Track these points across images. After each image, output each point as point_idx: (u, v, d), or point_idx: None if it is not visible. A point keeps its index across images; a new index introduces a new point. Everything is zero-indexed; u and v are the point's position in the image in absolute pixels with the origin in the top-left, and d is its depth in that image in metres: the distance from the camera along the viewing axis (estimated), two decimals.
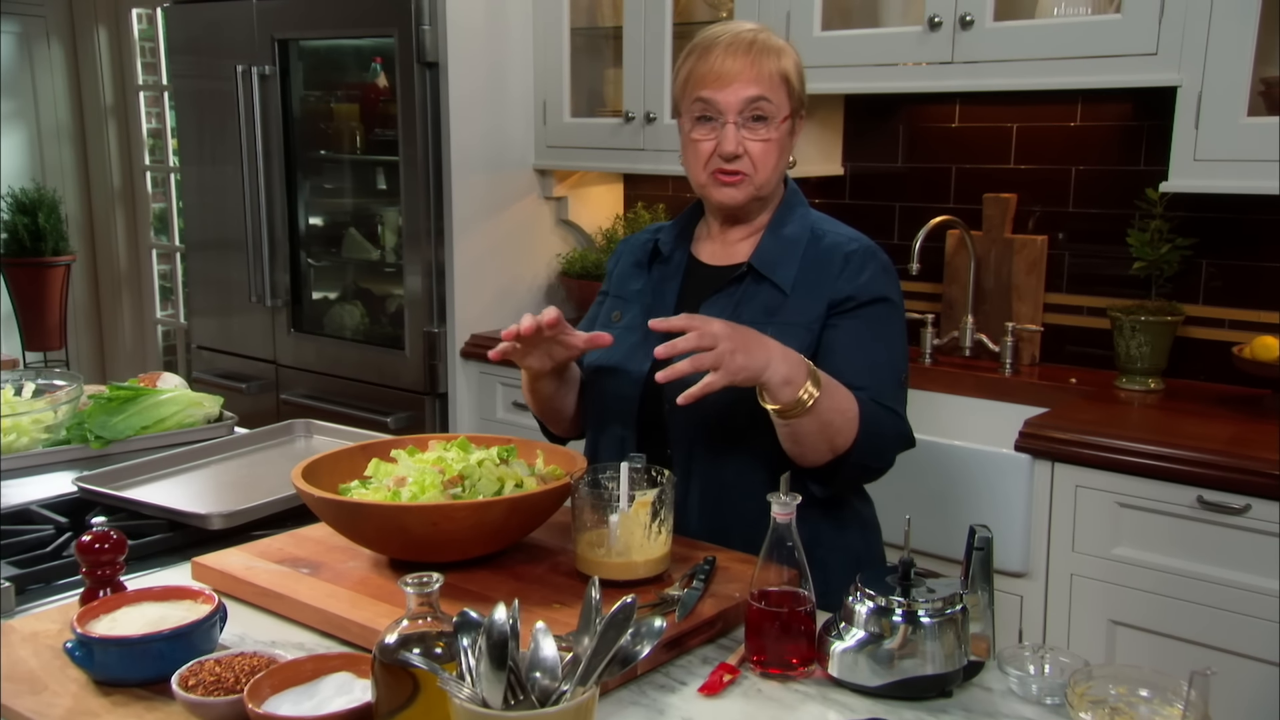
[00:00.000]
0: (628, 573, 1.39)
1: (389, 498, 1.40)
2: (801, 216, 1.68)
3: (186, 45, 3.72)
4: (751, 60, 1.58)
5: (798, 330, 1.58)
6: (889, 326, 1.61)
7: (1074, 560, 2.23)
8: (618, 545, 1.38)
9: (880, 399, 1.54)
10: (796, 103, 1.63)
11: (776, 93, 1.59)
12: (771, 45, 1.61)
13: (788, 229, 1.66)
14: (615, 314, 1.74)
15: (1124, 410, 2.41)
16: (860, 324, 1.59)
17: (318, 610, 1.32)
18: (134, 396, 1.99)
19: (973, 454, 2.31)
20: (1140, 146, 2.63)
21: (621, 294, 1.76)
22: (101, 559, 1.25)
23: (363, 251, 3.52)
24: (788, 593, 1.26)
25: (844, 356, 1.56)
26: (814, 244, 1.65)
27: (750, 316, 1.59)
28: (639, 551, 1.38)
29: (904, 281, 2.86)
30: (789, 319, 1.59)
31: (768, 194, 1.66)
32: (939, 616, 1.21)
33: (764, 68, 1.58)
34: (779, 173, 1.65)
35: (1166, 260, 2.50)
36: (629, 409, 1.66)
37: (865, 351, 1.57)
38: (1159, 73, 2.28)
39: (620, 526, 1.37)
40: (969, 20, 2.47)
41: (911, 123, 2.97)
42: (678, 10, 3.03)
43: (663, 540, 1.40)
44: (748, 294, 1.63)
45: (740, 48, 1.59)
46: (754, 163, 1.60)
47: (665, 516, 1.40)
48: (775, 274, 1.62)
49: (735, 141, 1.58)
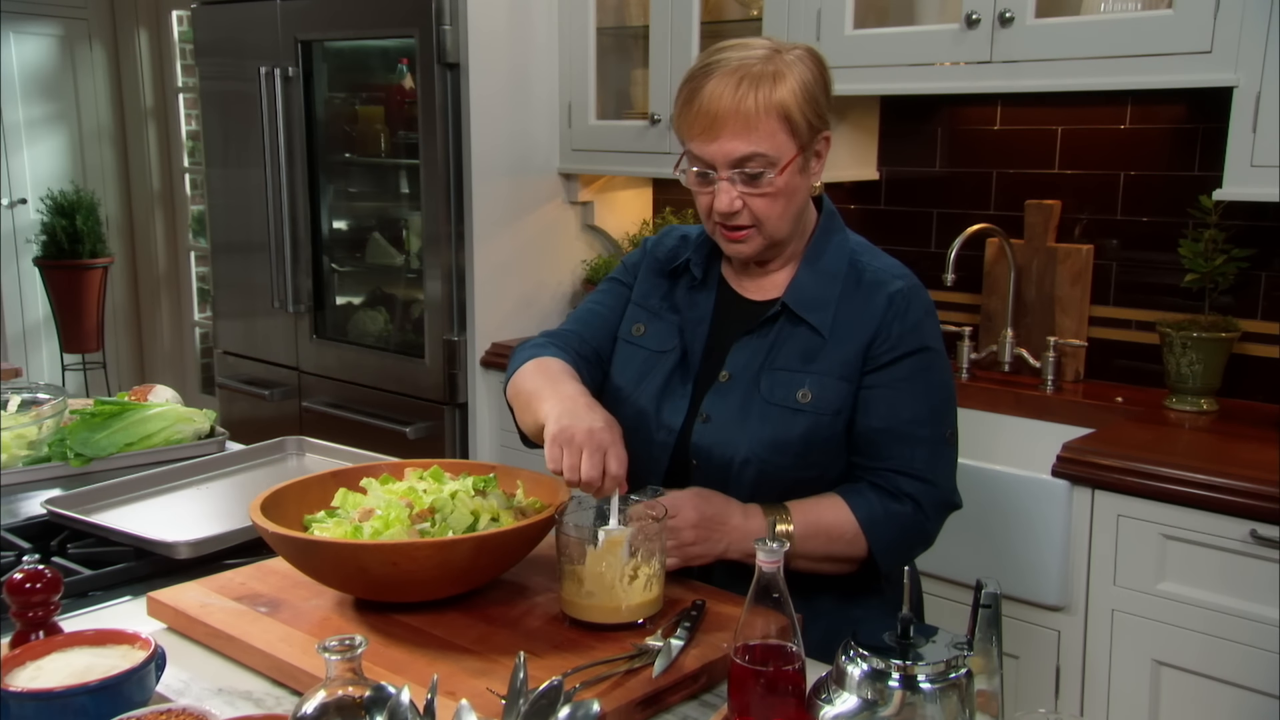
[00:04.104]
0: (605, 616, 1.28)
1: (350, 533, 1.31)
2: (839, 245, 1.56)
3: (212, 47, 3.68)
4: (738, 103, 1.40)
5: (835, 383, 1.49)
6: (927, 379, 1.50)
7: (1115, 595, 2.08)
8: (587, 585, 1.27)
9: (908, 467, 1.48)
10: (806, 135, 1.45)
11: (773, 139, 1.42)
12: (769, 74, 1.42)
13: (825, 261, 1.54)
14: (638, 326, 1.61)
15: (1172, 433, 2.25)
16: (895, 379, 1.49)
17: (267, 656, 1.22)
18: (119, 411, 1.92)
19: (1007, 478, 2.17)
20: (1194, 151, 2.46)
21: (645, 305, 1.63)
22: (33, 600, 1.16)
23: (387, 257, 3.45)
24: (775, 647, 1.14)
25: (874, 418, 1.49)
26: (853, 279, 1.53)
27: (785, 362, 1.51)
28: (612, 596, 1.27)
29: (938, 292, 2.79)
30: (826, 370, 1.49)
31: (784, 239, 1.52)
32: (940, 681, 1.08)
33: (755, 110, 1.40)
34: (792, 218, 1.50)
35: (1221, 272, 2.34)
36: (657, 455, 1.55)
37: (898, 413, 1.48)
38: (1214, 72, 2.12)
39: (589, 565, 1.26)
40: (1009, 17, 2.33)
41: (950, 125, 2.82)
42: (706, 9, 2.91)
43: (643, 583, 1.29)
44: (782, 335, 1.52)
45: (728, 88, 1.41)
46: (757, 216, 1.47)
47: (648, 558, 1.29)
48: (813, 316, 1.51)
49: (729, 200, 1.45)
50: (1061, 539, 2.12)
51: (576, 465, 1.29)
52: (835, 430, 1.49)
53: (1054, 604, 2.14)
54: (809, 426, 1.47)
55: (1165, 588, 2.02)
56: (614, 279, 1.69)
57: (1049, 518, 2.12)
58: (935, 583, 2.27)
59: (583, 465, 1.29)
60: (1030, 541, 2.14)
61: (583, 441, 1.30)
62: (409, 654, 1.22)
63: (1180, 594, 2.00)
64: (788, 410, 1.48)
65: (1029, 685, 2.19)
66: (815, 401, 1.47)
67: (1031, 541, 2.14)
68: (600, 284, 1.71)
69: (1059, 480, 2.11)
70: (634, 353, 1.59)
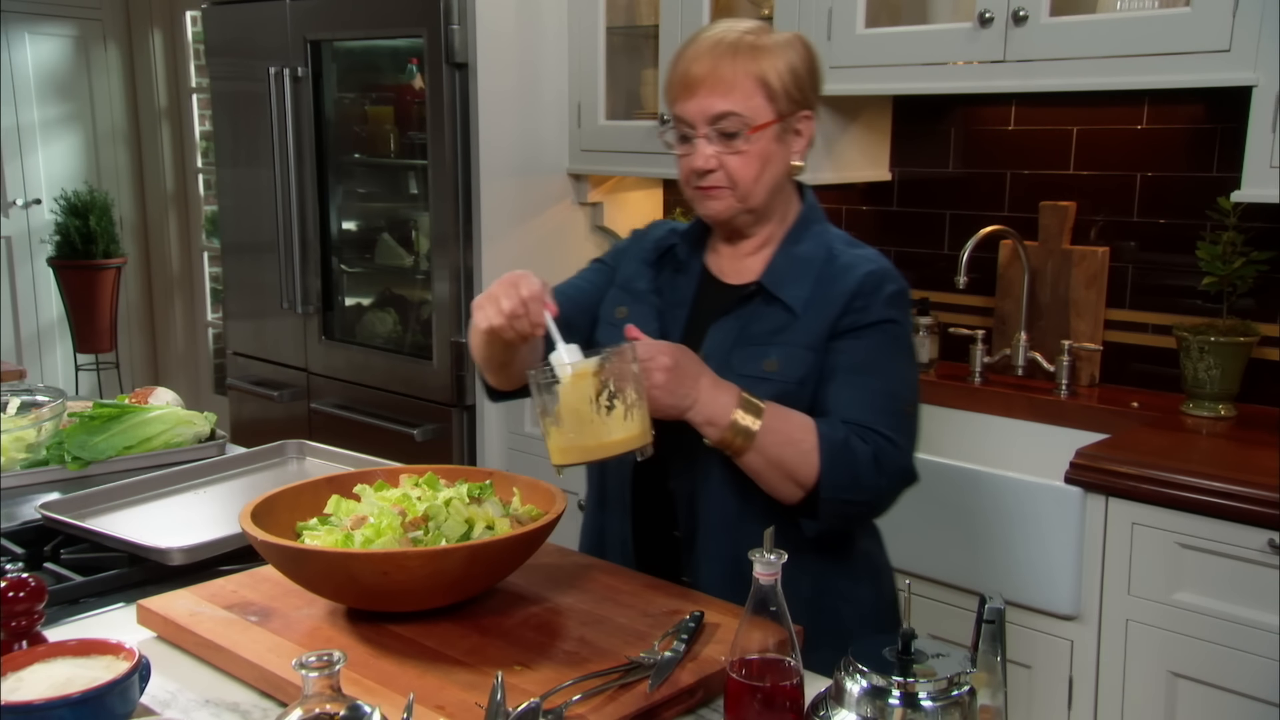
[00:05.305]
0: (590, 454, 1.28)
1: (341, 541, 1.28)
2: (818, 234, 1.59)
3: (222, 47, 3.67)
4: (715, 66, 1.46)
5: (802, 352, 1.50)
6: (892, 348, 1.51)
7: (1130, 605, 2.03)
8: (566, 425, 1.27)
9: (873, 424, 1.45)
10: (785, 105, 1.49)
11: (749, 101, 1.47)
12: (748, 44, 1.48)
13: (802, 247, 1.57)
14: (620, 309, 1.63)
15: (1189, 440, 2.20)
16: (862, 345, 1.49)
17: (255, 667, 1.20)
18: (118, 414, 1.90)
19: (1020, 485, 2.13)
20: (1212, 151, 2.42)
21: (628, 289, 1.66)
22: (16, 609, 1.14)
23: (396, 258, 3.43)
24: (773, 661, 1.11)
25: (840, 380, 1.48)
26: (829, 264, 1.55)
27: (756, 337, 1.52)
28: (592, 430, 1.27)
29: (950, 295, 2.76)
30: (794, 341, 1.51)
31: (758, 206, 1.55)
32: (942, 699, 1.04)
33: (733, 73, 1.46)
34: (767, 186, 1.53)
35: (1240, 275, 2.29)
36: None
37: (863, 375, 1.48)
38: (1232, 71, 2.08)
39: (563, 404, 1.26)
40: (1023, 15, 2.29)
41: (964, 125, 2.78)
42: (717, 8, 2.88)
43: (621, 414, 1.28)
44: (756, 314, 1.55)
45: (705, 52, 1.47)
46: (732, 177, 1.50)
47: (620, 388, 1.28)
48: (786, 293, 1.53)
49: (705, 157, 1.49)
50: (1075, 547, 2.08)
51: (498, 309, 1.35)
52: (802, 399, 1.49)
53: (1067, 613, 2.10)
54: (775, 395, 1.47)
55: (1181, 598, 1.98)
56: (599, 260, 1.73)
57: (1062, 525, 2.08)
58: (945, 590, 2.24)
59: (501, 302, 1.35)
60: (1043, 549, 2.10)
61: (495, 289, 1.38)
62: (398, 665, 1.19)
63: (1196, 604, 1.96)
64: (754, 380, 1.48)
65: (1041, 696, 2.15)
66: (781, 370, 1.49)
67: (1044, 549, 2.10)
68: (587, 264, 1.74)
69: (1072, 487, 2.07)
70: (614, 334, 1.58)
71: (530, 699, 0.82)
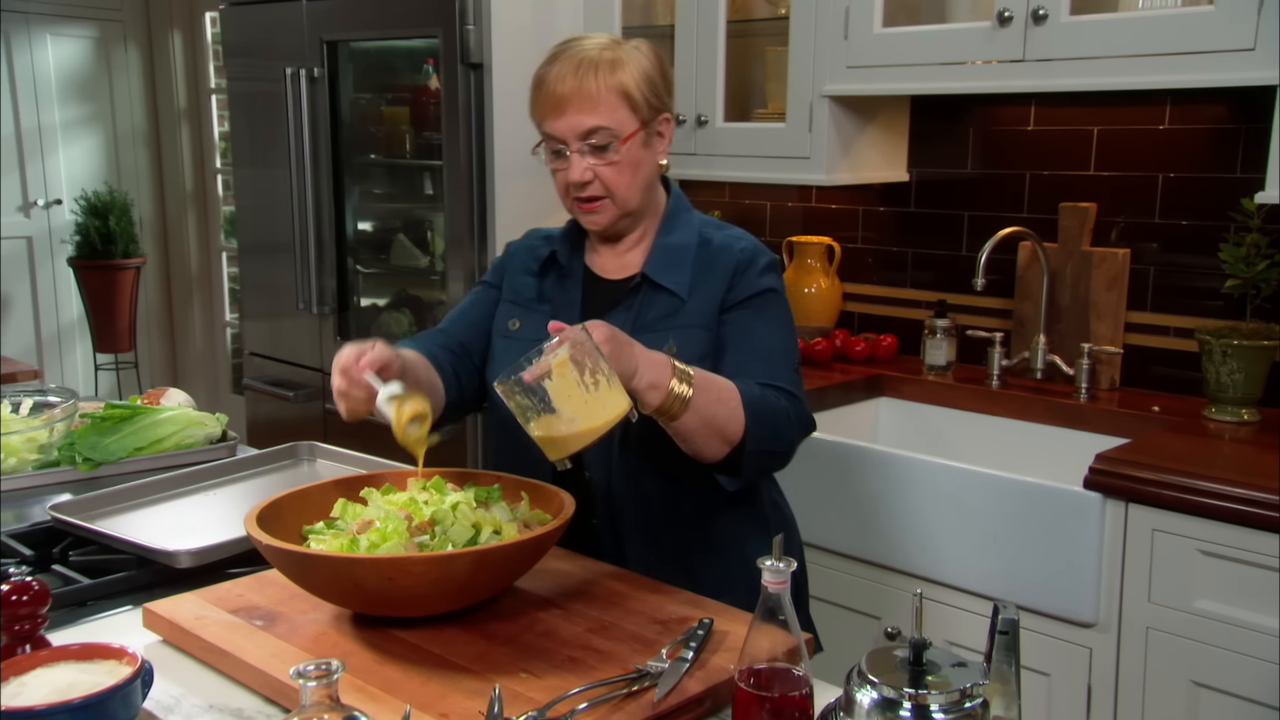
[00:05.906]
0: (597, 431, 1.29)
1: (347, 546, 1.27)
2: (688, 223, 1.70)
3: (240, 48, 3.67)
4: (580, 84, 1.55)
5: (697, 332, 1.61)
6: (776, 313, 1.64)
7: (1150, 612, 2.00)
8: (567, 414, 1.28)
9: (774, 382, 1.55)
10: (647, 112, 1.60)
11: (615, 114, 1.56)
12: (607, 60, 1.57)
13: (676, 236, 1.68)
14: (514, 322, 1.72)
15: (1211, 445, 2.17)
16: (749, 314, 1.61)
17: (259, 672, 1.19)
18: (129, 415, 1.89)
19: (1038, 490, 2.10)
20: (1236, 152, 2.38)
21: (517, 301, 1.74)
22: (19, 612, 1.13)
23: (411, 259, 3.42)
24: (781, 670, 1.09)
25: (736, 347, 1.60)
26: (704, 248, 1.66)
27: (650, 324, 1.61)
28: (590, 409, 1.29)
29: (968, 297, 2.73)
30: (687, 322, 1.61)
31: (636, 208, 1.64)
32: (955, 711, 1.02)
33: (596, 89, 1.55)
34: (640, 189, 1.63)
35: (1264, 278, 2.26)
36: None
37: (756, 339, 1.60)
38: (1257, 70, 2.05)
39: (557, 396, 1.27)
40: (1042, 14, 2.26)
41: (983, 126, 2.76)
42: (733, 8, 2.86)
43: (606, 384, 1.29)
44: (646, 303, 1.64)
45: (569, 72, 1.56)
46: (608, 186, 1.59)
47: (595, 365, 1.29)
48: (669, 280, 1.64)
49: (581, 170, 1.57)
50: (1094, 553, 2.04)
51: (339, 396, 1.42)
52: None
53: (1086, 620, 2.07)
54: None
55: (1203, 605, 1.94)
56: (483, 282, 1.81)
57: (1081, 531, 2.05)
58: (961, 595, 2.21)
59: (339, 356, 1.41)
60: (1062, 555, 2.08)
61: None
62: (403, 672, 1.18)
63: (1218, 612, 1.93)
64: None
65: (1060, 705, 2.12)
66: (681, 351, 1.57)
67: (1063, 555, 2.07)
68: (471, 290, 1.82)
69: (1092, 492, 2.04)
70: (512, 346, 1.66)
71: (534, 708, 0.80)
